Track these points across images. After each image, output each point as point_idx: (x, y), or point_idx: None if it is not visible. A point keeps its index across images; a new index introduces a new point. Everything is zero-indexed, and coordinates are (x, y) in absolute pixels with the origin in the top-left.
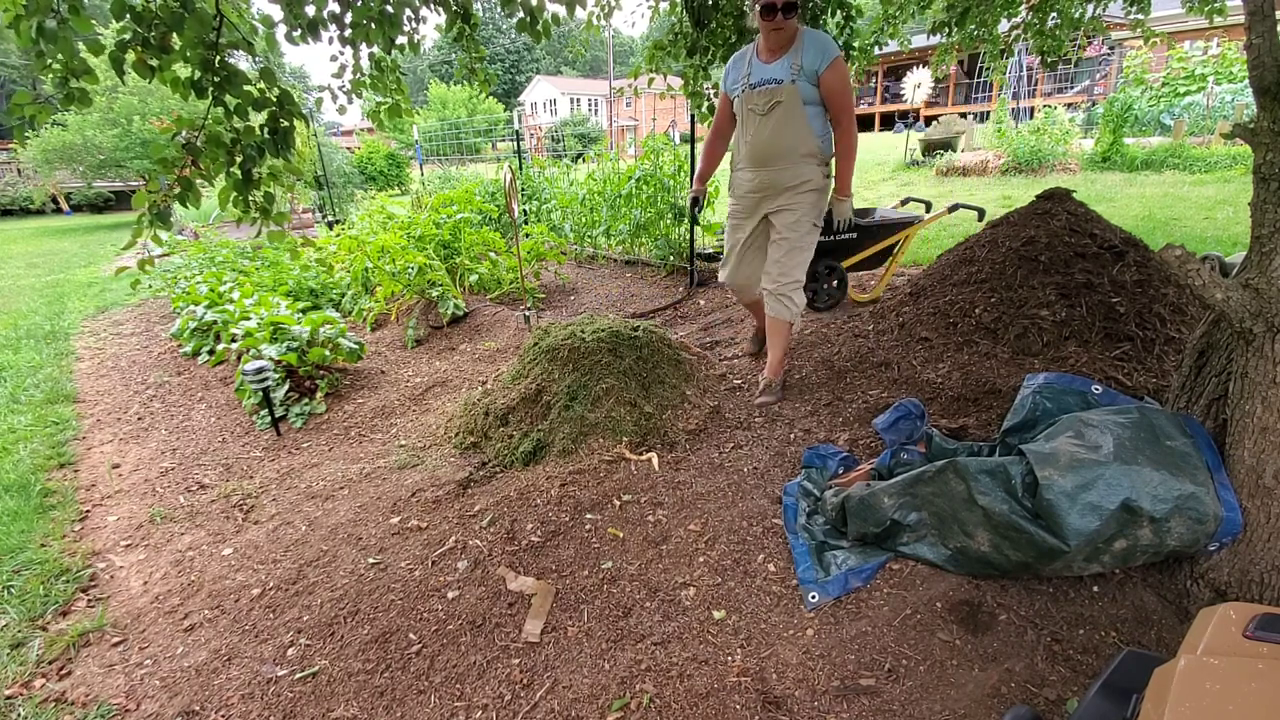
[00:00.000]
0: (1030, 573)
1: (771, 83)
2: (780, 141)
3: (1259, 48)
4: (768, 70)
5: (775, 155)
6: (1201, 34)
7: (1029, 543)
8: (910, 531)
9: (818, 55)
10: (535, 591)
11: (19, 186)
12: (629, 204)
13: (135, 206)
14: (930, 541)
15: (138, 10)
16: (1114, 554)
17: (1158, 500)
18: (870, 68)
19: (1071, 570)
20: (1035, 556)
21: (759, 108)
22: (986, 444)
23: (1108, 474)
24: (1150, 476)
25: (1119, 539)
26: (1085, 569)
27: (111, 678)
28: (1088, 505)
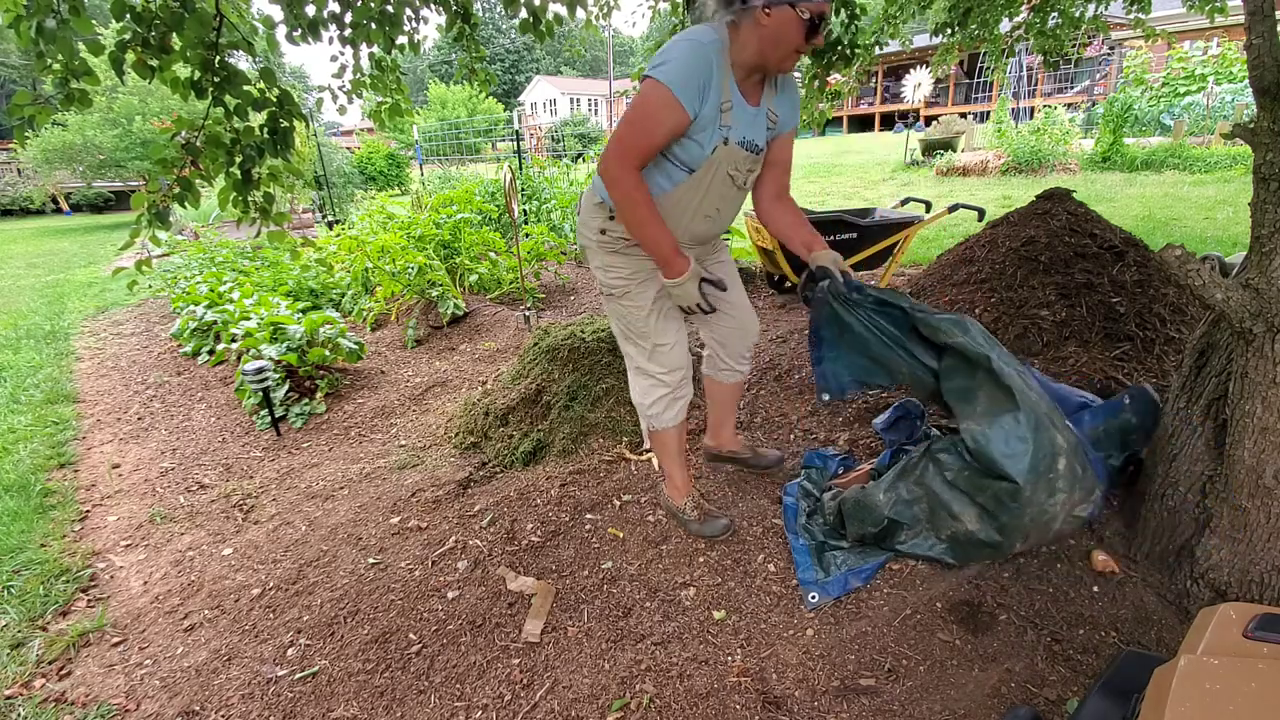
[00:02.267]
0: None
1: (760, 147)
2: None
3: (1259, 48)
4: (756, 120)
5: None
6: (1201, 34)
7: (996, 500)
8: (907, 529)
9: (793, 106)
10: (535, 591)
11: (19, 186)
12: None
13: (135, 207)
14: (925, 535)
15: (138, 10)
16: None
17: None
18: (870, 68)
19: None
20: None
21: (740, 176)
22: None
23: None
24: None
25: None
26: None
27: (111, 678)
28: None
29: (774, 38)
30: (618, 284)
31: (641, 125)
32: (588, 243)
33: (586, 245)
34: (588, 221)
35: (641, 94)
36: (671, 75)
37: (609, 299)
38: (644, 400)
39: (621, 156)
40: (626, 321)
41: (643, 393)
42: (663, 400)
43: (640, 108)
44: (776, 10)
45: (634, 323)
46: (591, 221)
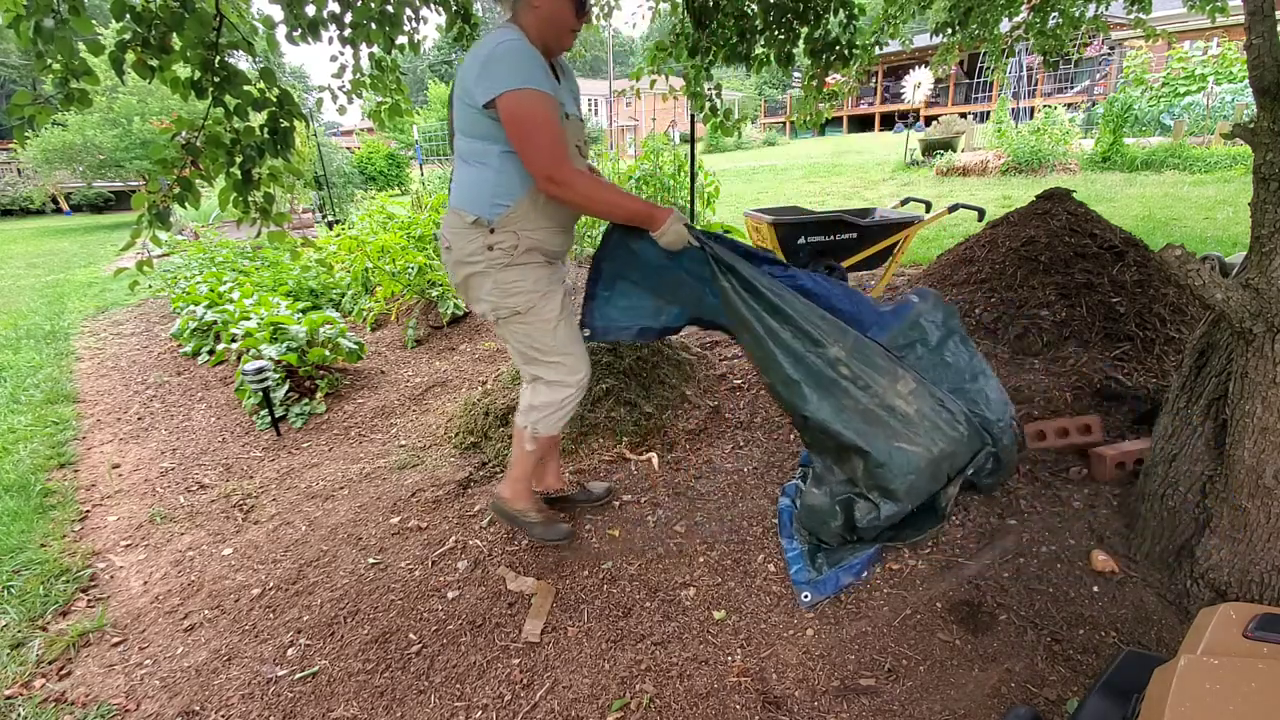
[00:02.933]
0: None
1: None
2: None
3: (1259, 48)
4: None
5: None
6: (1201, 34)
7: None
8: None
9: (577, 94)
10: (535, 591)
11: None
12: None
13: (135, 207)
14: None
15: (138, 10)
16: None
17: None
18: (870, 68)
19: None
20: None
21: (582, 149)
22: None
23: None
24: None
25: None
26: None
27: (111, 678)
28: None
29: (548, 19)
30: (521, 301)
31: (544, 130)
32: (474, 269)
33: (473, 273)
34: (466, 248)
35: (519, 107)
36: (527, 77)
37: (508, 321)
38: (545, 409)
39: (557, 162)
40: (531, 341)
41: (547, 403)
42: (567, 405)
43: (530, 119)
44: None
45: (540, 339)
46: (472, 245)
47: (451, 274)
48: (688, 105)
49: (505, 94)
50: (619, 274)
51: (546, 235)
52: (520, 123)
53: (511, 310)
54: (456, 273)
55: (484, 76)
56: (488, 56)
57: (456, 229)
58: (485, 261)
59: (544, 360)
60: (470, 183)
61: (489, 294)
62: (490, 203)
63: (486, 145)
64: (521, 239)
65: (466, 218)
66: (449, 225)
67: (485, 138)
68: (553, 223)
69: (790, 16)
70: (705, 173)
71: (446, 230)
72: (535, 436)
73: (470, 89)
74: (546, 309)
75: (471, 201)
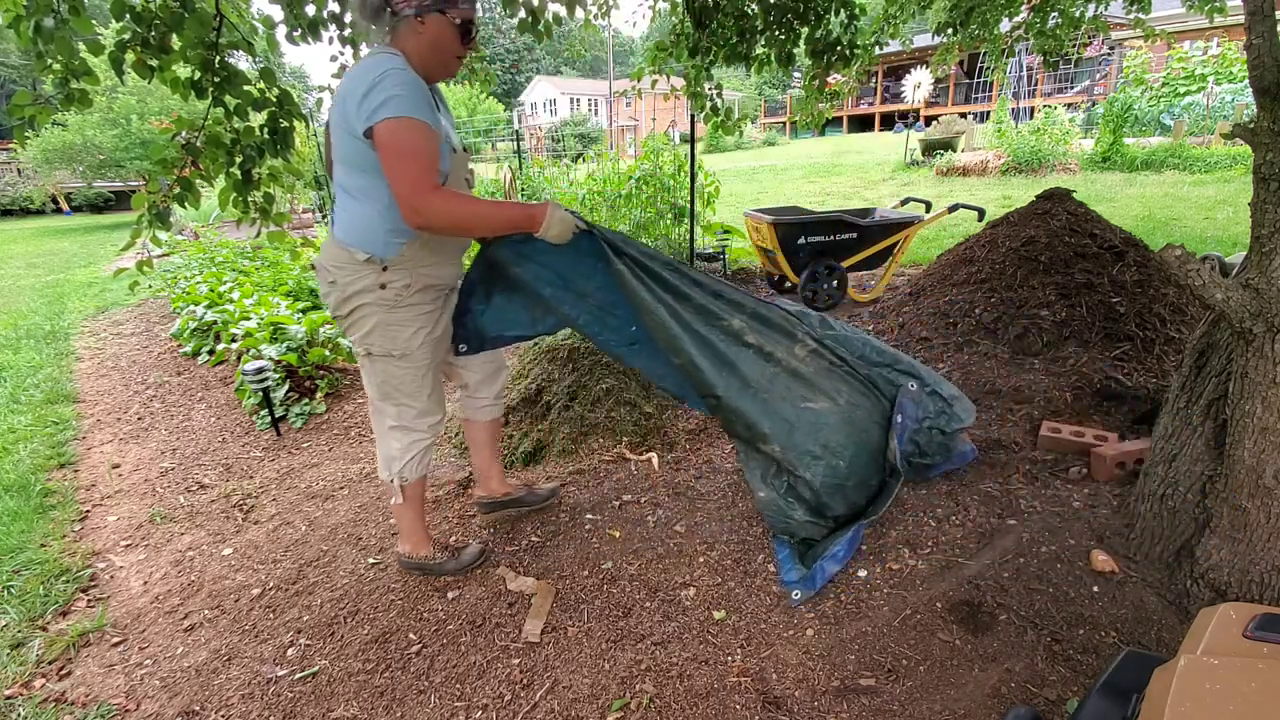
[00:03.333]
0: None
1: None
2: None
3: (1259, 48)
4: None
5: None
6: (1201, 34)
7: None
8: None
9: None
10: (535, 591)
11: (19, 186)
12: (629, 204)
13: (135, 207)
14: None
15: (138, 10)
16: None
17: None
18: (870, 68)
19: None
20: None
21: (468, 181)
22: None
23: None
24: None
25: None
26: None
27: (111, 678)
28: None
29: (433, 45)
30: (400, 345)
31: (415, 159)
32: (362, 306)
33: (359, 311)
34: (356, 284)
35: (394, 136)
36: (409, 106)
37: (380, 360)
38: (403, 456)
39: (419, 190)
40: (396, 383)
41: (403, 449)
42: (423, 451)
43: (403, 148)
44: (430, 18)
45: (405, 384)
46: (362, 283)
47: (333, 305)
48: (688, 105)
49: (383, 121)
50: (496, 287)
51: (438, 270)
52: (392, 151)
53: (387, 352)
54: (341, 306)
55: (365, 104)
56: (371, 83)
57: (344, 265)
58: (376, 301)
59: (402, 403)
60: (360, 217)
61: (368, 336)
62: (384, 240)
63: (373, 179)
64: (416, 277)
65: (358, 255)
66: (335, 259)
67: (371, 170)
68: (445, 256)
69: (791, 16)
70: (705, 173)
71: (330, 264)
72: (403, 486)
73: (351, 117)
74: (420, 357)
75: (363, 238)
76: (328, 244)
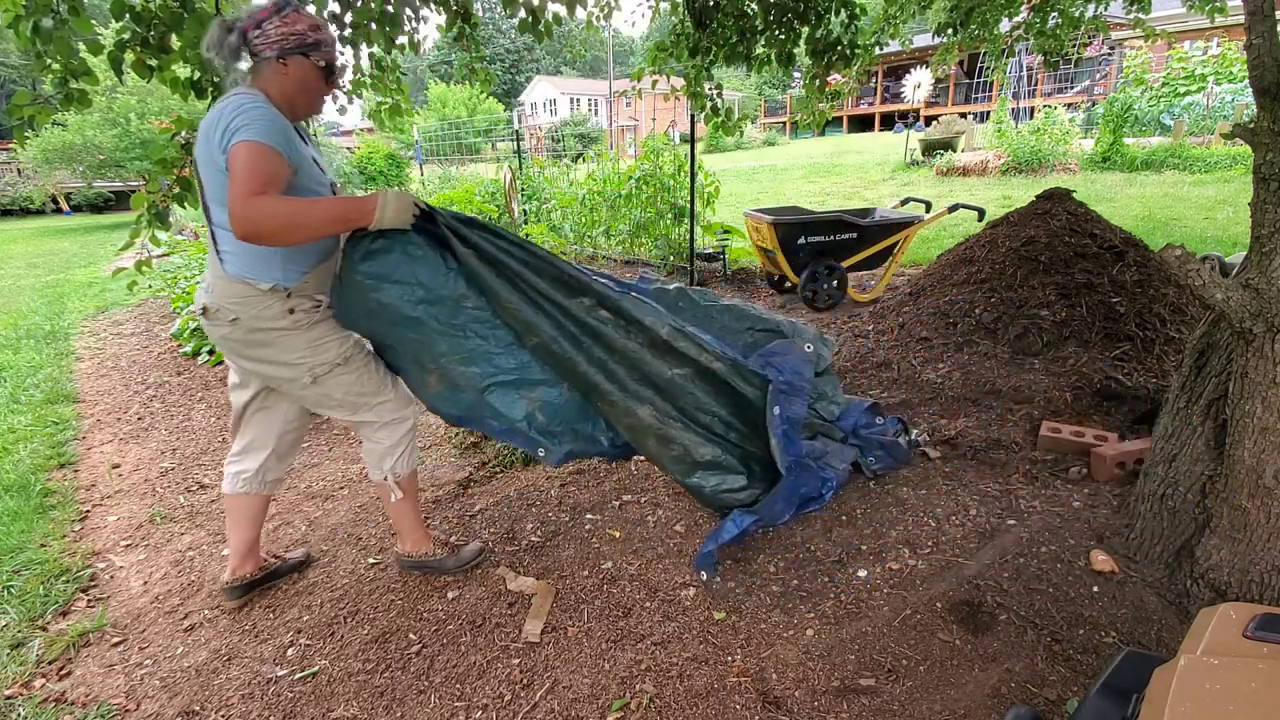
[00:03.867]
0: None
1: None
2: None
3: (1259, 48)
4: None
5: None
6: (1201, 34)
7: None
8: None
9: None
10: (535, 591)
11: (19, 186)
12: (629, 204)
13: (135, 207)
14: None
15: (137, 10)
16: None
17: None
18: (870, 68)
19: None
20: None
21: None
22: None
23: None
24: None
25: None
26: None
27: (111, 678)
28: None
29: (298, 86)
30: (336, 352)
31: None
32: (277, 337)
33: (275, 343)
34: (263, 315)
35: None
36: (254, 132)
37: (329, 376)
38: (395, 449)
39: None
40: (359, 388)
41: (394, 442)
42: (408, 436)
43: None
44: (292, 60)
45: (367, 383)
46: (269, 313)
47: (238, 346)
48: (688, 105)
49: (231, 147)
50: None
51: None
52: (234, 173)
53: (331, 364)
54: (250, 340)
55: (222, 139)
56: (228, 120)
57: (245, 298)
58: (290, 326)
59: (374, 402)
60: (253, 251)
61: (302, 355)
62: (283, 269)
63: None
64: (320, 300)
65: (260, 285)
66: (233, 296)
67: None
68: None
69: (791, 16)
70: (705, 173)
71: (227, 302)
72: (399, 482)
73: (215, 153)
74: (360, 352)
75: (262, 270)
76: (219, 282)
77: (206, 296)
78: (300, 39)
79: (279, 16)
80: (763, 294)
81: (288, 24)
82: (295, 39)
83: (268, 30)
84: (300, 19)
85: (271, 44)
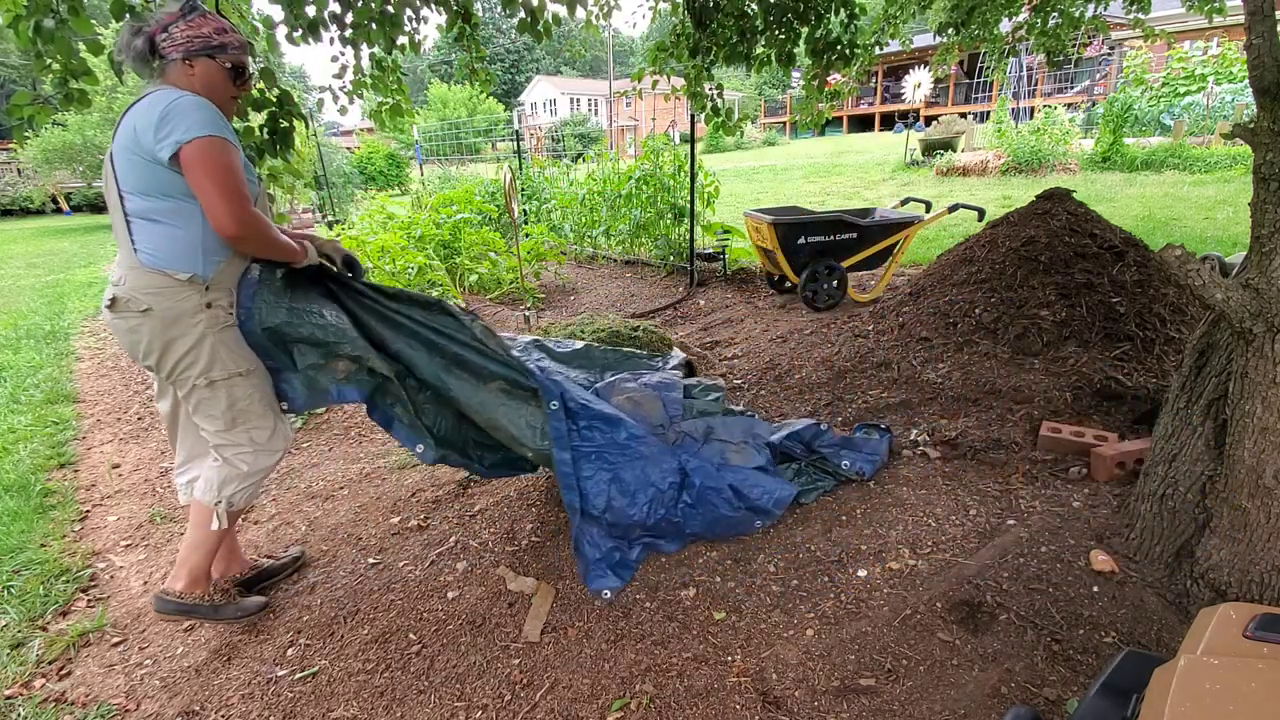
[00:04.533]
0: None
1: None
2: None
3: (1259, 48)
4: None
5: None
6: (1201, 34)
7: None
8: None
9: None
10: (535, 591)
11: (19, 186)
12: (629, 204)
13: None
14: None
15: (137, 10)
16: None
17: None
18: (870, 68)
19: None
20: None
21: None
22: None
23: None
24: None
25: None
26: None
27: (111, 678)
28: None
29: (205, 87)
30: (243, 362)
31: (231, 175)
32: (194, 329)
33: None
34: (179, 307)
35: (207, 154)
36: (213, 125)
37: (227, 383)
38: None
39: (241, 208)
40: (246, 404)
41: (249, 471)
42: (264, 472)
43: (216, 164)
44: (199, 61)
45: (254, 403)
46: (187, 304)
47: (146, 341)
48: (688, 105)
49: (192, 141)
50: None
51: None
52: (204, 170)
53: (234, 371)
54: (164, 335)
55: (165, 129)
56: (165, 110)
57: (161, 289)
58: (206, 323)
59: (256, 424)
60: (172, 239)
61: (209, 355)
62: (203, 260)
63: (180, 201)
64: (231, 296)
65: (178, 276)
66: (147, 286)
67: (175, 194)
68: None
69: (791, 16)
70: (705, 173)
71: (141, 292)
72: (231, 511)
73: (148, 144)
74: (261, 369)
75: (180, 259)
76: (131, 273)
77: (116, 289)
78: (205, 41)
79: (184, 20)
80: (763, 293)
81: (193, 27)
82: (200, 41)
83: (173, 33)
84: (206, 23)
85: (177, 46)
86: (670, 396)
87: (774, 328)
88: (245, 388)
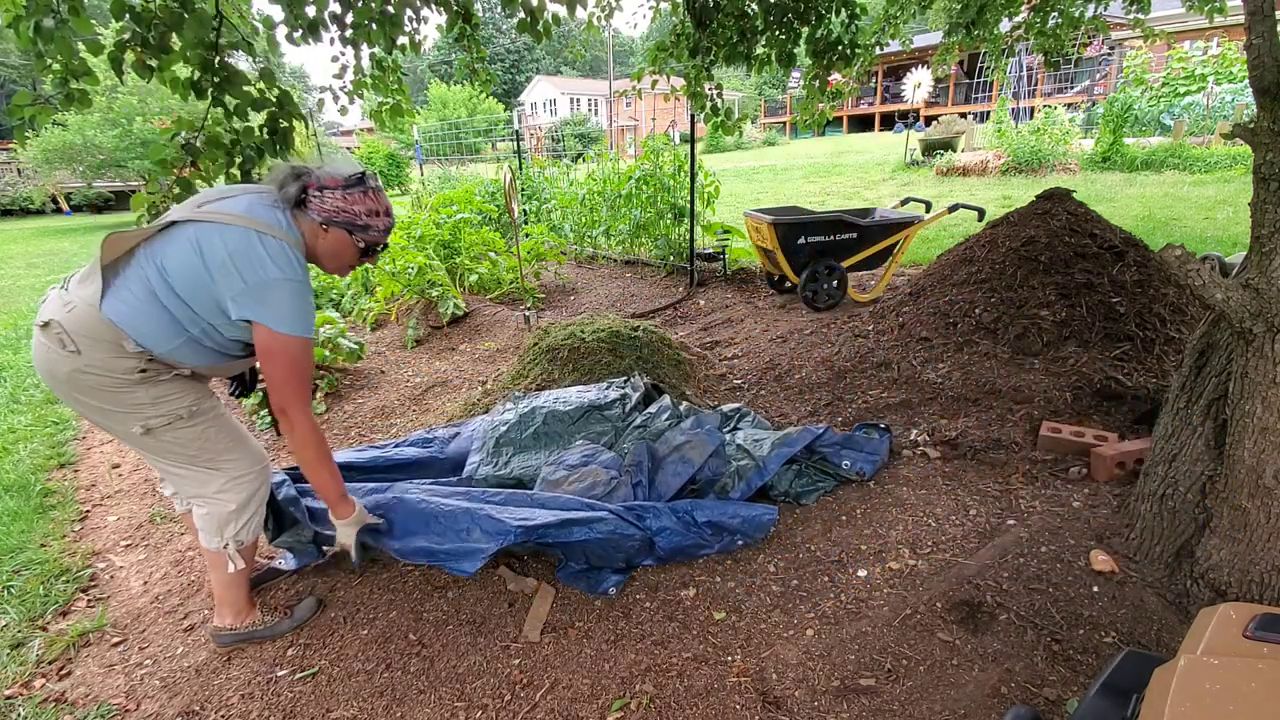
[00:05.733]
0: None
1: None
2: None
3: (1259, 48)
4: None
5: None
6: (1201, 34)
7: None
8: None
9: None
10: (535, 591)
11: (19, 186)
12: (629, 204)
13: (134, 207)
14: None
15: (137, 10)
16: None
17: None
18: (870, 68)
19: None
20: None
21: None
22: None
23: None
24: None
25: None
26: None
27: (111, 678)
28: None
29: (332, 251)
30: (182, 404)
31: (304, 373)
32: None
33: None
34: (109, 364)
35: (290, 353)
36: (305, 325)
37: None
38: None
39: (304, 405)
40: (203, 444)
41: (242, 504)
42: (259, 496)
43: (297, 363)
44: (334, 230)
45: (212, 440)
46: (121, 364)
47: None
48: (688, 105)
49: (283, 336)
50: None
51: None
52: (285, 364)
53: (173, 416)
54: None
55: (256, 296)
56: (268, 278)
57: (101, 341)
58: (139, 381)
59: (221, 461)
60: (156, 324)
61: (140, 405)
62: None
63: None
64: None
65: (127, 344)
66: (90, 331)
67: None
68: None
69: (791, 16)
70: (705, 173)
71: (79, 333)
72: (240, 551)
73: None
74: (210, 408)
75: (143, 333)
76: (82, 310)
77: (58, 312)
78: (350, 219)
79: (344, 191)
80: (763, 293)
81: (348, 202)
82: (345, 216)
83: (327, 198)
84: (362, 201)
85: (324, 210)
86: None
87: (774, 328)
88: (191, 429)
